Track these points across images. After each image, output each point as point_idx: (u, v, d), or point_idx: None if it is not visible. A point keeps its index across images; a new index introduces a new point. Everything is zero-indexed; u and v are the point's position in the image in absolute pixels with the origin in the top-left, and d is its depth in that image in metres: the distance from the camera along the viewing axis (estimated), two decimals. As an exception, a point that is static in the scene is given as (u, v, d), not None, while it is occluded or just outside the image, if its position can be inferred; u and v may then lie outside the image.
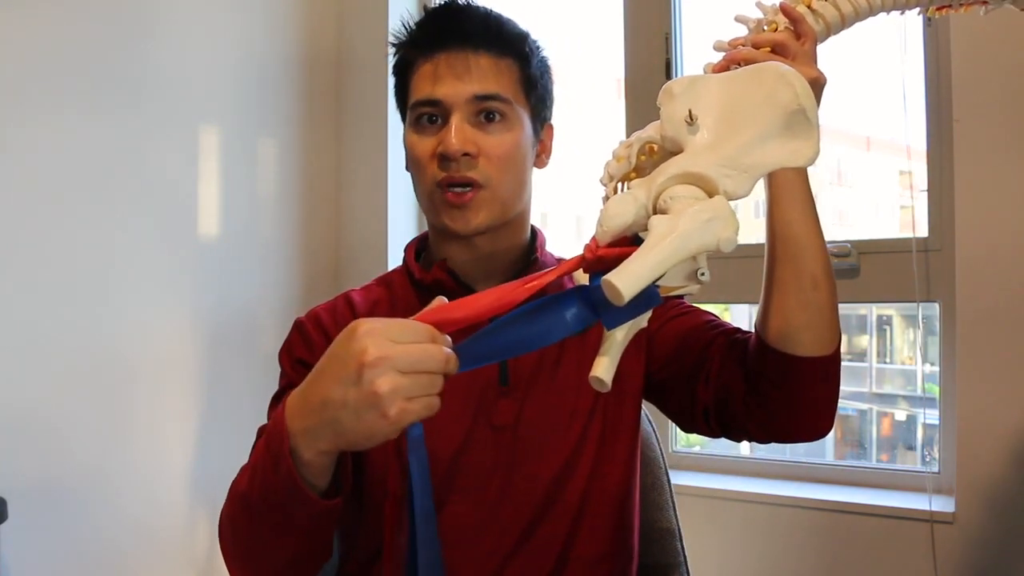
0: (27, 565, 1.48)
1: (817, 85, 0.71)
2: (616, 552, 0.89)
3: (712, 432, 0.87)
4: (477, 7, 0.91)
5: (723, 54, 0.76)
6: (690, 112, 0.58)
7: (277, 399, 0.90)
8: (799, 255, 0.75)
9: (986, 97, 1.44)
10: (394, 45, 0.93)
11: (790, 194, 0.76)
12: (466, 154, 0.85)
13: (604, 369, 0.56)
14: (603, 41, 2.02)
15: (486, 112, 0.87)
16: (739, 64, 0.70)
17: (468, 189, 0.85)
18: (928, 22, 1.59)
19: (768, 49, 0.73)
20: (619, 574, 0.90)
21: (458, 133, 0.84)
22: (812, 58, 0.75)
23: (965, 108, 1.45)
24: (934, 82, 1.59)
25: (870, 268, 1.63)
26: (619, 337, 0.59)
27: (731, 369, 0.82)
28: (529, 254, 0.94)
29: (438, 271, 0.90)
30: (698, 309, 0.93)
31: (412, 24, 0.92)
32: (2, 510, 1.36)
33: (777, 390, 0.78)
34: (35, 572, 1.50)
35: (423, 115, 0.87)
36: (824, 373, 0.77)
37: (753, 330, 0.82)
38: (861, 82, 1.94)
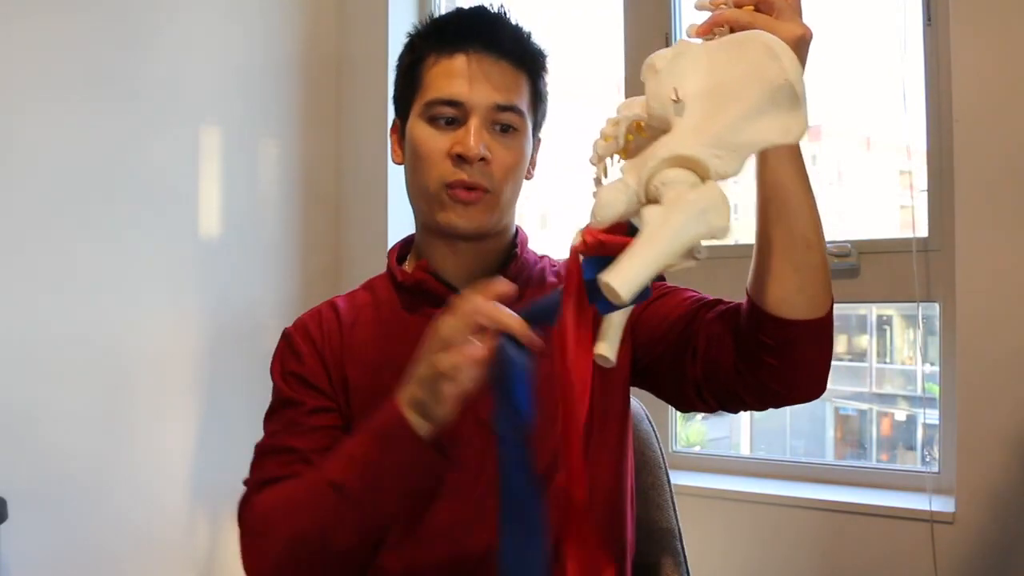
0: (27, 565, 1.48)
1: (803, 42, 0.68)
2: (610, 542, 0.89)
3: (709, 407, 0.87)
4: (508, 18, 0.92)
5: (706, 14, 0.71)
6: (676, 91, 0.57)
7: (272, 413, 0.91)
8: (791, 217, 0.74)
9: (986, 97, 1.44)
10: (412, 36, 0.94)
11: (778, 156, 0.75)
12: (482, 159, 0.86)
13: (607, 347, 0.56)
14: (603, 41, 2.02)
15: (501, 122, 0.88)
16: (722, 27, 0.68)
17: (476, 191, 0.87)
18: (928, 21, 1.59)
19: (751, 7, 0.69)
20: (615, 568, 0.89)
21: (477, 137, 0.85)
22: (797, 11, 0.70)
23: (965, 108, 1.45)
24: (934, 82, 1.58)
25: (870, 268, 1.63)
26: (616, 319, 0.60)
27: (719, 340, 0.81)
28: (510, 249, 0.95)
29: (419, 272, 0.91)
30: (678, 287, 0.92)
31: (437, 19, 0.93)
32: (2, 510, 1.36)
33: (772, 355, 0.77)
34: (35, 572, 1.50)
35: (440, 114, 0.88)
36: (818, 335, 0.77)
37: (744, 298, 0.80)
38: (861, 82, 1.94)
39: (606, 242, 0.57)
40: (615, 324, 0.59)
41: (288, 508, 0.78)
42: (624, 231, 0.58)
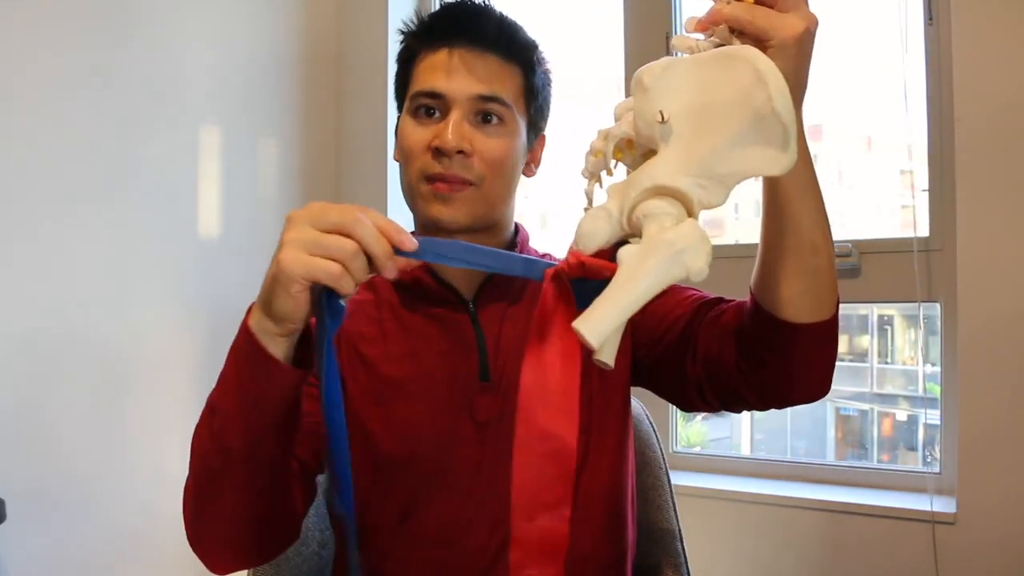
0: (26, 565, 1.48)
1: (807, 35, 0.63)
2: (610, 545, 0.89)
3: (711, 407, 0.86)
4: (493, 10, 0.91)
5: (708, 3, 0.67)
6: (661, 113, 0.56)
7: None
8: (797, 221, 0.71)
9: (987, 96, 1.43)
10: (403, 33, 0.93)
11: None
12: (461, 152, 0.85)
13: (607, 352, 0.56)
14: (603, 41, 2.02)
15: (485, 113, 0.87)
16: (720, 24, 0.64)
17: (456, 184, 0.85)
18: (929, 20, 1.59)
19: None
20: (614, 567, 0.89)
21: (456, 130, 0.84)
22: None
23: (966, 107, 1.45)
24: (935, 81, 1.58)
25: (871, 268, 1.63)
26: None
27: (720, 339, 0.81)
28: (511, 247, 0.94)
29: (417, 270, 0.89)
30: (678, 285, 0.91)
31: (425, 16, 0.93)
32: (1, 510, 1.36)
33: (775, 356, 0.76)
34: (34, 572, 1.50)
35: (422, 106, 0.87)
36: (823, 338, 0.75)
37: (747, 296, 0.79)
38: (862, 82, 1.94)
39: (587, 264, 0.58)
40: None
41: (192, 443, 0.75)
42: (608, 255, 0.58)
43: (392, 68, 0.96)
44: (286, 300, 0.61)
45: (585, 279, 0.59)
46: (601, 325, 0.52)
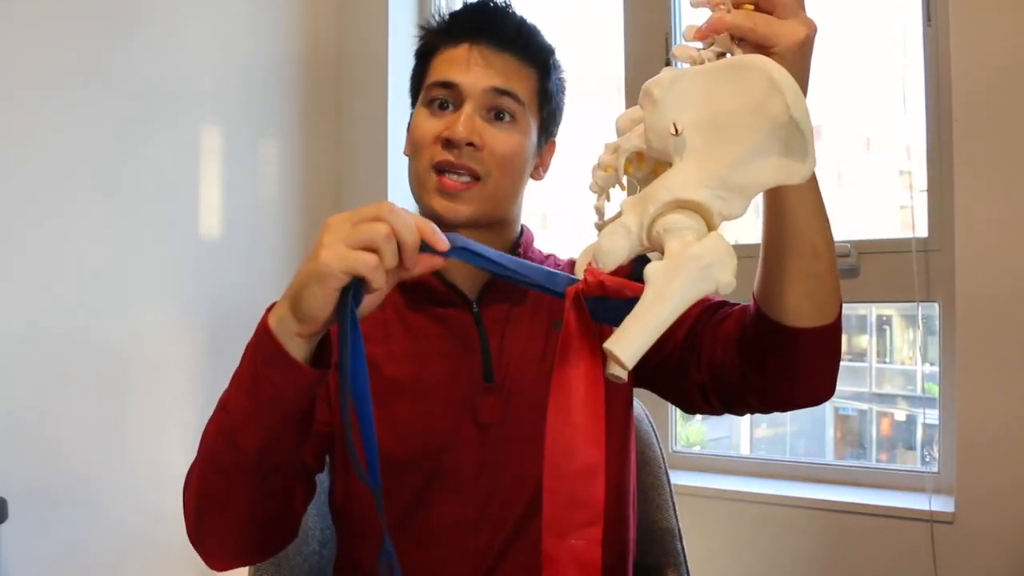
0: (27, 565, 1.48)
1: (807, 42, 0.63)
2: (611, 546, 0.89)
3: (714, 410, 0.86)
4: (514, 12, 0.92)
5: (704, 13, 0.66)
6: (675, 125, 0.55)
7: None
8: (798, 225, 0.71)
9: (986, 97, 1.44)
10: (423, 28, 0.94)
11: None
12: (471, 144, 0.85)
13: (621, 367, 0.56)
14: (603, 41, 2.02)
15: (498, 110, 0.87)
16: (721, 33, 0.63)
17: (466, 179, 0.86)
18: (928, 21, 1.59)
19: (751, 6, 0.63)
20: (615, 567, 0.90)
21: (467, 122, 0.85)
22: (800, 3, 0.64)
23: (965, 108, 1.45)
24: (934, 82, 1.59)
25: (870, 268, 1.63)
26: None
27: (723, 344, 0.81)
28: (513, 250, 0.94)
29: None
30: None
31: (446, 15, 0.94)
32: (2, 510, 1.36)
33: (779, 361, 0.76)
34: (35, 572, 1.50)
35: (436, 98, 0.88)
36: (826, 342, 0.75)
37: (749, 299, 0.80)
38: (861, 82, 1.94)
39: (607, 284, 0.58)
40: None
41: (201, 440, 0.75)
42: (626, 271, 0.59)
43: (391, 68, 0.97)
44: (319, 295, 0.61)
45: (605, 298, 0.59)
46: (633, 347, 0.52)
